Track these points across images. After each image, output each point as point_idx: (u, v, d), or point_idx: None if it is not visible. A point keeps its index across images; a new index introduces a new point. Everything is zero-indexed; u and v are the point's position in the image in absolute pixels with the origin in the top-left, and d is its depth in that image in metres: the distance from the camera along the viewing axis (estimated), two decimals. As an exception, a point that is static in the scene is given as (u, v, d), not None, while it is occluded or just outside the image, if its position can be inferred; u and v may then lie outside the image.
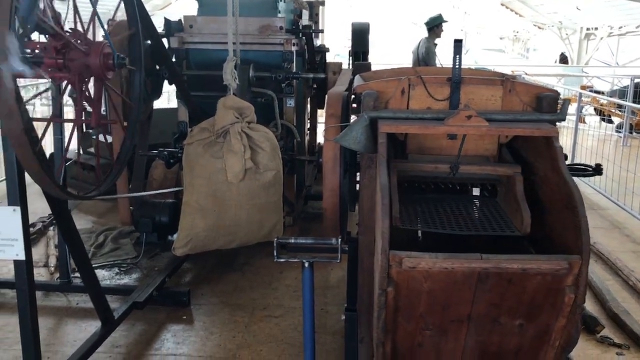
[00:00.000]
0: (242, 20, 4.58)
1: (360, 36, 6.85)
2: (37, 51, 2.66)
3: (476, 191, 2.60)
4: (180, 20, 5.18)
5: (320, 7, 7.10)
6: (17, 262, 2.57)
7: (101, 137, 6.21)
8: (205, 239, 3.95)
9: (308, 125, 6.89)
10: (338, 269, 4.52)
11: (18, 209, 2.50)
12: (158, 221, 4.61)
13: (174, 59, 4.84)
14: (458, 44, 2.39)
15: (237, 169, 3.79)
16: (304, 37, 5.39)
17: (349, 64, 6.79)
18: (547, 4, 18.43)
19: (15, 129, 2.23)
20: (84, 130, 6.17)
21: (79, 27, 2.81)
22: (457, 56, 2.38)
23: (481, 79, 2.45)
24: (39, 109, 12.47)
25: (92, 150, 6.54)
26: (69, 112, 7.17)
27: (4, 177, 6.97)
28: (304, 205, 6.09)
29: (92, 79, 2.89)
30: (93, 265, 4.58)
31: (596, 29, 18.31)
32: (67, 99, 4.82)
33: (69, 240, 3.11)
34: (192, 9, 5.43)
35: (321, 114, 7.30)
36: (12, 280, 4.23)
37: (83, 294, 4.10)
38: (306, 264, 2.49)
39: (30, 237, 2.56)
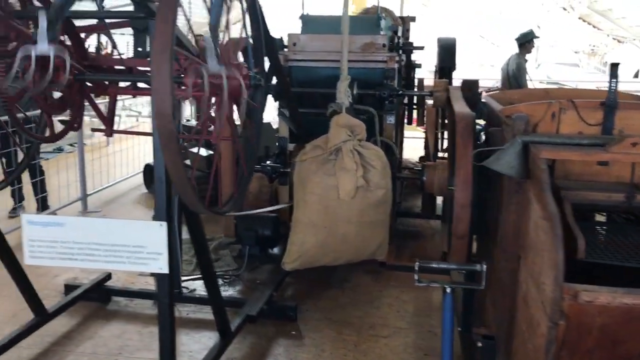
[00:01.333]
0: (348, 38, 4.61)
1: (447, 52, 6.78)
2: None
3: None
4: (282, 37, 5.28)
5: (411, 23, 7.07)
6: (159, 275, 2.65)
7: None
8: (315, 255, 3.98)
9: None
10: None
11: (165, 224, 2.58)
12: (261, 234, 4.69)
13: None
14: (614, 67, 2.32)
15: (350, 187, 3.81)
16: (404, 54, 5.37)
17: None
18: (629, 17, 17.75)
19: (172, 150, 2.30)
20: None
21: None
22: (613, 80, 2.30)
23: (638, 104, 2.35)
24: (123, 119, 13.02)
25: (187, 162, 6.73)
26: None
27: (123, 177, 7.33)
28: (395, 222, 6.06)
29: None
30: (194, 276, 4.73)
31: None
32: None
33: (199, 251, 3.19)
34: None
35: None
36: (123, 289, 4.43)
37: (192, 304, 4.20)
38: (447, 290, 2.45)
39: (173, 252, 2.63)
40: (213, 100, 2.95)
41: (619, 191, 2.21)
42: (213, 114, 3.02)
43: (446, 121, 5.84)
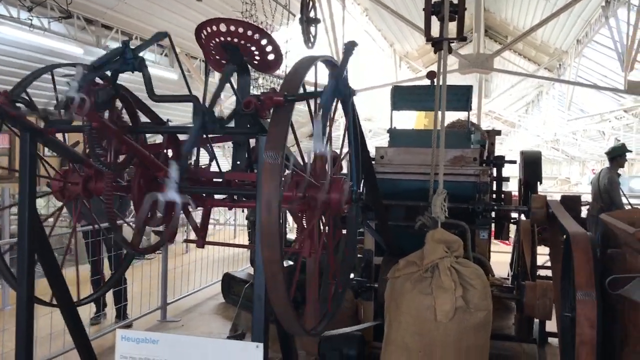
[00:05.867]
0: (437, 152, 4.55)
1: (532, 165, 6.59)
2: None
3: None
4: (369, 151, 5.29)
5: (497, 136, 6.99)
6: (251, 402, 2.45)
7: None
8: (408, 382, 3.66)
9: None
10: None
11: (261, 345, 2.42)
12: (345, 355, 4.42)
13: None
14: None
15: (448, 307, 3.54)
16: (494, 167, 5.23)
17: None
18: None
19: (275, 269, 2.20)
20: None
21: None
22: None
23: None
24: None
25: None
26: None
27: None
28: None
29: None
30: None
31: None
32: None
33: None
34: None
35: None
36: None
37: None
38: None
39: (267, 375, 2.45)
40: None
41: None
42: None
43: (539, 236, 5.55)
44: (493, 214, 6.34)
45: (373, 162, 5.13)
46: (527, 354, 5.62)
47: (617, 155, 7.65)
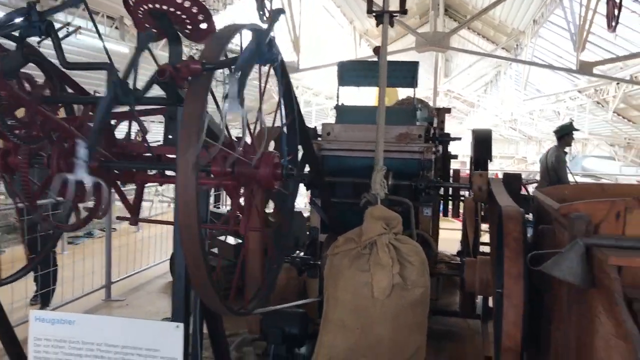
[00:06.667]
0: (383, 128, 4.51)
1: (482, 143, 6.61)
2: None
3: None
4: (315, 127, 5.21)
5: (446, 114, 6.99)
6: (173, 384, 2.37)
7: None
8: (345, 358, 3.64)
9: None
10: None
11: (181, 326, 2.34)
12: (288, 332, 4.37)
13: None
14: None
15: (385, 284, 3.53)
16: (440, 145, 5.22)
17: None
18: (666, 111, 17.54)
19: (194, 247, 2.11)
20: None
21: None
22: (686, 177, 2.04)
23: None
24: (155, 205, 13.03)
25: (214, 250, 6.54)
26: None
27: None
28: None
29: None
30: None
31: None
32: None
33: (217, 351, 2.91)
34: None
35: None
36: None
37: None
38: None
39: (189, 357, 2.37)
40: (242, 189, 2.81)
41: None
42: (242, 203, 2.86)
43: (483, 214, 5.60)
44: (442, 192, 6.39)
45: (319, 139, 5.06)
46: (472, 330, 5.71)
47: (565, 133, 7.77)
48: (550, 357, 2.40)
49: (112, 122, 2.93)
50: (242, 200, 2.90)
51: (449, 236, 8.13)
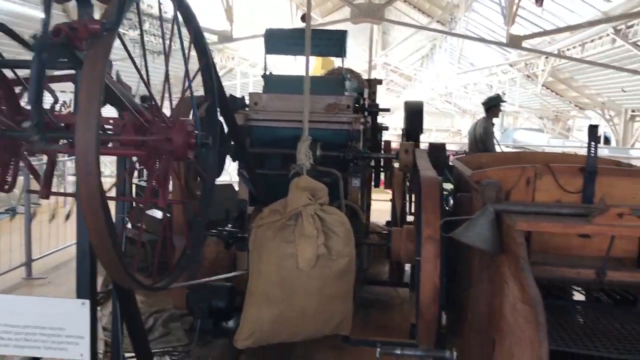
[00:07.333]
0: (309, 98, 4.43)
1: (414, 115, 6.67)
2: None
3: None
4: (243, 96, 5.07)
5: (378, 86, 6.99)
6: (80, 363, 2.26)
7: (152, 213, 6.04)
8: (270, 331, 3.61)
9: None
10: None
11: (87, 302, 2.22)
12: (215, 306, 4.30)
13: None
14: (593, 129, 2.11)
15: (309, 255, 3.50)
16: (369, 116, 5.20)
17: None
18: (590, 85, 18.26)
19: (97, 219, 1.99)
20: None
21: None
22: (593, 143, 2.09)
23: (620, 170, 2.15)
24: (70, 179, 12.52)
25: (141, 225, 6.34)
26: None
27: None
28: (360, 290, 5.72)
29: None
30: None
31: (643, 110, 18.02)
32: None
33: (131, 328, 2.81)
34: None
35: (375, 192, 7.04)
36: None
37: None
38: (414, 381, 2.13)
39: (97, 335, 2.27)
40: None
41: (590, 267, 1.96)
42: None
43: (409, 184, 5.66)
44: (374, 163, 6.40)
45: (247, 110, 4.93)
46: (401, 298, 5.81)
47: (492, 105, 7.93)
48: (468, 317, 2.44)
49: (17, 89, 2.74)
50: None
51: (383, 207, 8.20)
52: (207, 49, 2.91)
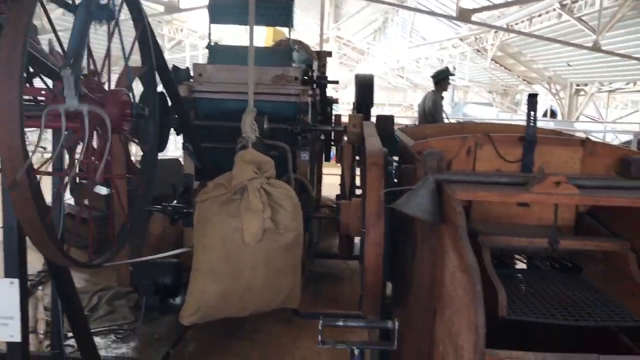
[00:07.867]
0: (256, 70, 4.32)
1: (364, 88, 6.65)
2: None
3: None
4: (188, 68, 4.92)
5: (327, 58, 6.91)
6: (11, 344, 2.16)
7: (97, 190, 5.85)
8: (216, 306, 3.56)
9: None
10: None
11: (16, 281, 2.12)
12: (160, 283, 4.21)
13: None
14: (532, 99, 2.12)
15: (255, 229, 3.45)
16: (317, 88, 5.13)
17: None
18: (538, 60, 18.64)
19: (24, 192, 1.88)
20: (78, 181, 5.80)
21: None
22: (532, 112, 2.09)
23: (559, 139, 2.17)
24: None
25: (85, 202, 6.13)
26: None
27: None
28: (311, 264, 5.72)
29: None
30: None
31: (586, 85, 18.54)
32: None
33: (68, 308, 2.71)
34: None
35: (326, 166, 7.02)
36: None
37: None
38: (356, 352, 2.12)
39: (27, 315, 2.17)
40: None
41: (542, 236, 1.98)
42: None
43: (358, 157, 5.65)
44: (324, 137, 6.36)
45: (191, 81, 4.79)
46: (351, 270, 5.85)
47: (441, 78, 7.98)
48: (411, 288, 2.44)
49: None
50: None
51: (335, 181, 8.19)
52: (142, 13, 2.77)
